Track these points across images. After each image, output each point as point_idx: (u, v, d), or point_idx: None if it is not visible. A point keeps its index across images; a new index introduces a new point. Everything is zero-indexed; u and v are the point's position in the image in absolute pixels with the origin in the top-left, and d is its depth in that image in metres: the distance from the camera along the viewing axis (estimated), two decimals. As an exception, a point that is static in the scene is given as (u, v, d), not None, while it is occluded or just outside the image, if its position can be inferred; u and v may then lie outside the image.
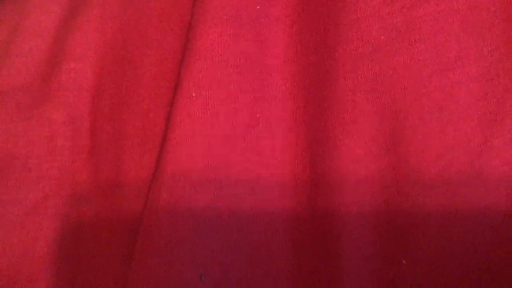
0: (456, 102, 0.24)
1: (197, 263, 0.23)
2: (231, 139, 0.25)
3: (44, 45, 0.33)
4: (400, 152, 0.24)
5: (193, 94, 0.26)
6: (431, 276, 0.22)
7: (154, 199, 0.24)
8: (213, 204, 0.24)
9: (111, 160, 0.29)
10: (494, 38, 0.25)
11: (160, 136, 0.28)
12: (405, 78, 0.25)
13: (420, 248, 0.23)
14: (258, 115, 0.27)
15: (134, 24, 0.32)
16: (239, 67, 0.27)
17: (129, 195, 0.27)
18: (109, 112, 0.30)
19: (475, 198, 0.23)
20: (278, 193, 0.26)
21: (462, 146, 0.24)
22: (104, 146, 0.29)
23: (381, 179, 0.24)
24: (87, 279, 0.27)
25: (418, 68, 0.25)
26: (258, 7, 0.29)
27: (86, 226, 0.28)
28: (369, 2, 0.27)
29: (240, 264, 0.25)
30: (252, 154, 0.26)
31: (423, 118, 0.24)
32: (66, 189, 0.29)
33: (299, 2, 0.29)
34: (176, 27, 0.31)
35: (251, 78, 0.27)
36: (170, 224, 0.23)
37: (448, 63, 0.25)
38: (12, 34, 0.34)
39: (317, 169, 0.25)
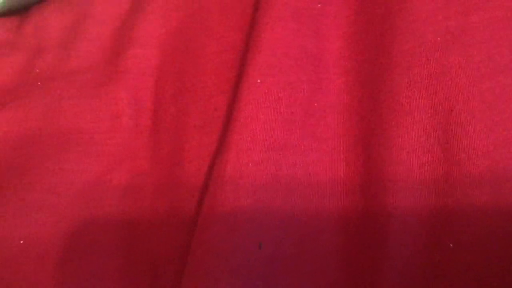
0: (505, 103, 0.26)
1: (256, 233, 0.24)
2: (291, 124, 0.27)
3: (111, 32, 0.35)
4: (451, 147, 0.26)
5: (258, 81, 0.27)
6: (477, 260, 0.24)
7: (220, 172, 0.26)
8: (272, 182, 0.26)
9: (172, 140, 0.30)
10: None
11: (221, 120, 0.30)
12: (459, 78, 0.27)
13: (467, 235, 0.24)
14: (315, 104, 0.28)
15: (196, 16, 0.34)
16: (299, 60, 0.29)
17: (189, 170, 0.29)
18: (171, 96, 0.32)
19: None
20: (330, 178, 0.27)
21: (510, 144, 0.25)
22: (166, 126, 0.31)
23: (433, 170, 0.26)
24: (145, 248, 0.28)
25: (471, 69, 0.27)
26: (319, 5, 0.30)
27: (145, 198, 0.30)
28: (425, 6, 0.28)
29: (292, 244, 0.26)
30: (308, 140, 0.28)
31: (474, 117, 0.26)
32: (128, 164, 0.31)
33: (358, 4, 0.31)
34: (237, 21, 0.33)
35: (309, 71, 0.29)
36: (234, 194, 0.25)
37: (499, 67, 0.26)
38: (81, 20, 0.37)
39: (370, 159, 0.27)
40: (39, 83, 0.33)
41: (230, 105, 0.29)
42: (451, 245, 0.24)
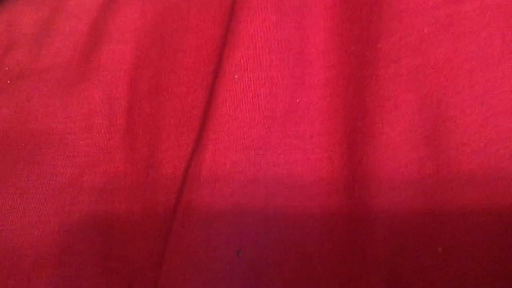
0: (497, 96, 0.24)
1: (235, 239, 0.23)
2: (271, 121, 0.26)
3: (85, 26, 0.34)
4: (440, 143, 0.24)
5: (236, 76, 0.26)
6: (468, 264, 0.22)
7: (195, 174, 0.24)
8: (251, 184, 0.24)
9: (147, 139, 0.29)
10: None
11: (198, 118, 0.28)
12: (448, 70, 0.25)
13: (457, 237, 0.23)
14: (297, 101, 0.27)
15: (174, 9, 0.32)
16: (280, 54, 0.27)
17: (165, 172, 0.27)
18: (147, 93, 0.30)
19: None
20: (314, 178, 0.26)
21: (502, 140, 0.24)
22: (141, 125, 0.29)
23: (420, 169, 0.24)
24: (121, 254, 0.27)
25: (461, 61, 0.25)
26: (300, -5, 0.29)
27: (120, 201, 0.28)
28: (412, -4, 0.27)
29: (274, 247, 0.25)
30: (290, 138, 0.26)
31: (464, 111, 0.24)
32: (102, 165, 0.29)
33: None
34: (216, 14, 0.31)
35: (292, 65, 0.27)
36: (210, 198, 0.23)
37: (491, 58, 0.25)
38: (54, 15, 0.35)
39: (354, 157, 0.26)
40: (8, 81, 0.32)
41: (208, 102, 0.27)
42: (440, 249, 0.23)
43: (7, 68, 0.32)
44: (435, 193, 0.24)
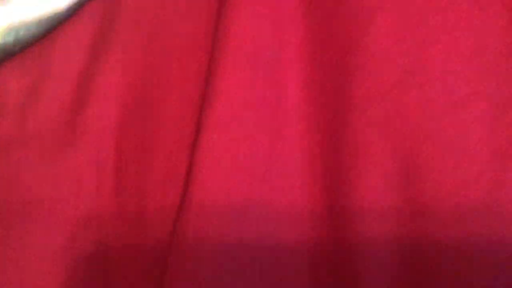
0: (467, 139, 0.25)
1: None
2: (252, 177, 0.26)
3: (68, 91, 0.34)
4: (416, 189, 0.25)
5: (215, 136, 0.27)
6: None
7: (179, 241, 0.25)
8: (235, 246, 0.25)
9: (135, 201, 0.30)
10: (500, 76, 0.26)
11: (183, 176, 0.29)
12: (417, 116, 0.26)
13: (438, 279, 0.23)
14: (276, 153, 0.28)
15: (155, 67, 0.33)
16: (258, 109, 0.28)
17: (154, 235, 0.28)
18: (133, 153, 0.31)
19: (490, 232, 0.24)
20: (297, 233, 0.27)
21: (475, 182, 0.24)
22: (129, 186, 0.30)
23: (397, 214, 0.25)
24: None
25: (429, 106, 0.26)
26: (273, 50, 0.30)
27: (113, 263, 0.29)
28: (380, 44, 0.28)
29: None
30: (271, 191, 0.27)
31: (436, 156, 0.25)
32: (93, 229, 0.30)
33: (313, 45, 0.30)
34: (196, 72, 0.32)
35: (269, 119, 0.28)
36: (195, 264, 0.24)
37: (458, 101, 0.26)
38: (38, 80, 0.36)
39: (334, 208, 0.26)
40: (-2, 152, 0.32)
41: (189, 164, 0.28)
42: None
43: (-4, 139, 0.33)
44: (413, 236, 0.25)
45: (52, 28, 0.37)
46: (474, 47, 0.27)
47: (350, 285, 0.25)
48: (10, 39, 0.34)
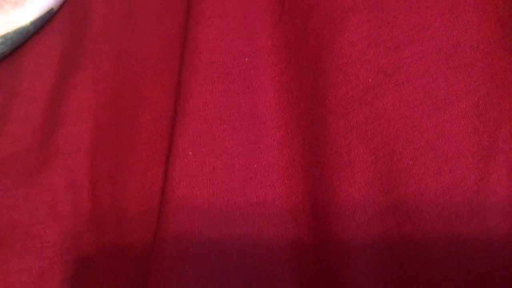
0: (449, 141, 0.25)
1: None
2: (230, 194, 0.26)
3: (40, 110, 0.33)
4: (398, 195, 0.24)
5: (190, 153, 0.26)
6: None
7: (158, 262, 0.24)
8: (216, 263, 0.24)
9: (113, 223, 0.29)
10: (479, 73, 0.25)
11: (159, 196, 0.28)
12: (396, 119, 0.25)
13: (425, 282, 0.23)
14: (255, 166, 0.27)
15: (127, 82, 0.33)
16: (233, 122, 0.27)
17: (134, 257, 0.27)
18: (108, 173, 0.30)
19: (476, 233, 0.23)
20: (281, 243, 0.26)
21: (459, 185, 0.24)
22: (106, 207, 0.29)
23: (382, 218, 0.24)
24: None
25: (408, 108, 0.25)
26: (246, 59, 0.29)
27: (96, 281, 0.28)
28: (354, 47, 0.27)
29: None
30: (253, 206, 0.26)
31: (417, 159, 0.24)
32: (71, 253, 0.29)
33: (287, 51, 0.29)
34: (168, 84, 0.31)
35: (245, 131, 0.27)
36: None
37: (437, 102, 0.25)
38: (8, 100, 0.35)
39: (318, 218, 0.26)
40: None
41: (164, 182, 0.27)
42: None
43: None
44: (398, 243, 0.24)
45: (19, 44, 0.36)
46: (450, 44, 0.26)
47: (334, 283, 0.24)
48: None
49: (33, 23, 0.34)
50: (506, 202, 0.23)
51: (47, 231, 0.29)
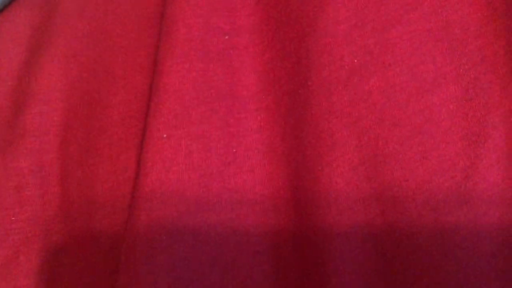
0: (436, 125, 0.24)
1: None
2: (207, 179, 0.24)
3: (6, 89, 0.32)
4: (383, 181, 0.23)
5: (164, 135, 0.24)
6: None
7: (131, 248, 0.23)
8: (191, 250, 0.23)
9: (83, 209, 0.27)
10: (469, 56, 0.24)
11: (132, 180, 0.26)
12: (382, 102, 0.24)
13: (410, 270, 0.22)
14: (234, 150, 0.26)
15: (100, 61, 0.31)
16: (211, 103, 0.26)
17: (103, 247, 0.26)
18: (78, 156, 0.28)
19: (465, 222, 0.22)
20: (260, 231, 0.25)
21: (447, 171, 0.23)
22: (76, 193, 0.28)
23: (365, 204, 0.23)
24: None
25: (394, 91, 0.24)
26: (226, 37, 0.28)
27: (62, 278, 0.27)
28: (339, 26, 0.26)
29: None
30: (230, 192, 0.25)
31: (403, 144, 0.23)
32: (39, 241, 0.27)
33: (268, 29, 0.28)
34: (144, 63, 0.30)
35: (224, 113, 0.26)
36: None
37: (425, 85, 0.24)
38: (-27, 78, 0.33)
39: (300, 205, 0.24)
40: None
41: (138, 166, 0.26)
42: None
43: None
44: (382, 230, 0.23)
45: (-14, 21, 0.34)
46: (440, 25, 0.25)
47: (316, 272, 0.23)
48: None
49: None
50: (495, 190, 0.22)
51: (13, 218, 0.28)
